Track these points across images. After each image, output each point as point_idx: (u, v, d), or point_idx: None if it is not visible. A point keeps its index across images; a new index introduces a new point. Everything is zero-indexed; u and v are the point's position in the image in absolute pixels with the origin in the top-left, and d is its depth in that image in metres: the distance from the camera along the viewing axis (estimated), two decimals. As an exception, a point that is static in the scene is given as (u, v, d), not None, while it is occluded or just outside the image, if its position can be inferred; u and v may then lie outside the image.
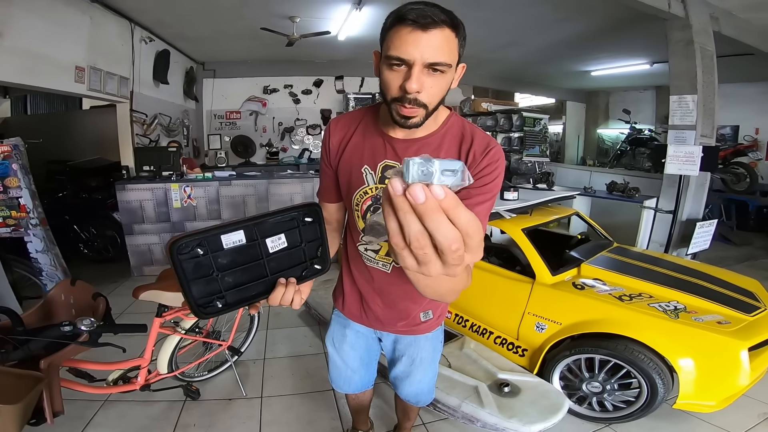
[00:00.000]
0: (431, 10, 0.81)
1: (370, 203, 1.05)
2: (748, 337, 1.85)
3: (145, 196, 4.12)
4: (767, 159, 6.58)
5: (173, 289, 1.86)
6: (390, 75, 0.85)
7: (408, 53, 0.81)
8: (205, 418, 2.18)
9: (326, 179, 1.15)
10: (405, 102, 0.85)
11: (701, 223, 3.27)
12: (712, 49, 3.65)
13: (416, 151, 0.99)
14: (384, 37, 0.86)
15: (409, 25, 0.80)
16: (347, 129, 1.07)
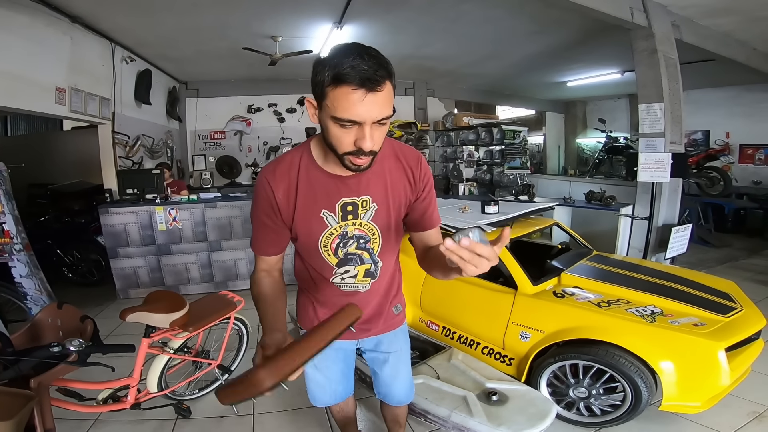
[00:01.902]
0: (372, 69, 0.81)
1: (338, 241, 1.10)
2: (723, 338, 1.91)
3: (129, 219, 4.09)
4: (740, 162, 6.89)
5: (161, 311, 1.87)
6: (340, 132, 0.87)
7: (359, 116, 0.84)
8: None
9: (270, 233, 1.10)
10: (359, 155, 0.90)
11: (677, 227, 3.38)
12: (676, 58, 3.81)
13: (367, 182, 1.05)
14: (323, 92, 0.85)
15: (354, 89, 0.81)
16: (288, 177, 1.04)
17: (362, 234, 1.10)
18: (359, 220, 1.08)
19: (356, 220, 1.08)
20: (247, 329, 2.66)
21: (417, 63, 6.36)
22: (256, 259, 1.17)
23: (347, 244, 1.11)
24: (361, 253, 1.14)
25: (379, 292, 1.27)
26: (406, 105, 7.65)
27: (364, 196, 1.06)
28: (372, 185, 1.06)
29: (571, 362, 2.10)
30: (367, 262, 1.16)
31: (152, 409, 2.19)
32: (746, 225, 6.29)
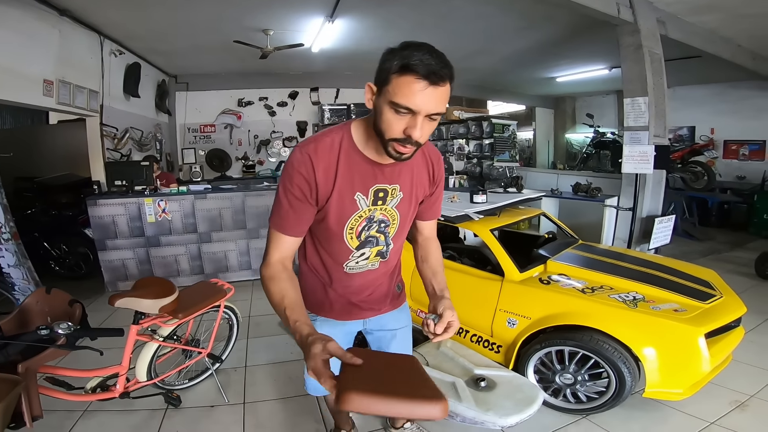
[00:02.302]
0: (439, 66, 0.87)
1: (364, 224, 1.14)
2: (703, 324, 1.97)
3: (118, 211, 4.06)
4: (723, 157, 7.03)
5: (150, 297, 1.87)
6: (394, 118, 0.92)
7: (416, 105, 0.88)
8: (187, 426, 2.16)
9: (300, 211, 1.07)
10: (405, 143, 0.94)
11: (660, 218, 3.47)
12: (660, 53, 3.88)
13: (399, 172, 1.11)
14: (387, 78, 0.90)
15: (420, 79, 0.86)
16: (328, 158, 1.05)
17: (384, 218, 1.16)
18: (386, 205, 1.14)
19: (384, 205, 1.14)
20: (237, 318, 2.66)
21: (408, 57, 6.38)
22: (270, 245, 1.10)
23: (371, 228, 1.15)
24: (379, 236, 1.19)
25: (387, 273, 1.33)
26: (398, 99, 7.66)
27: (395, 185, 1.12)
28: (402, 175, 1.13)
29: (556, 348, 2.15)
30: (381, 244, 1.22)
31: (141, 398, 2.19)
32: (730, 219, 6.43)
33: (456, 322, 1.02)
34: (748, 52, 5.26)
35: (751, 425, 2.01)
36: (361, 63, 6.66)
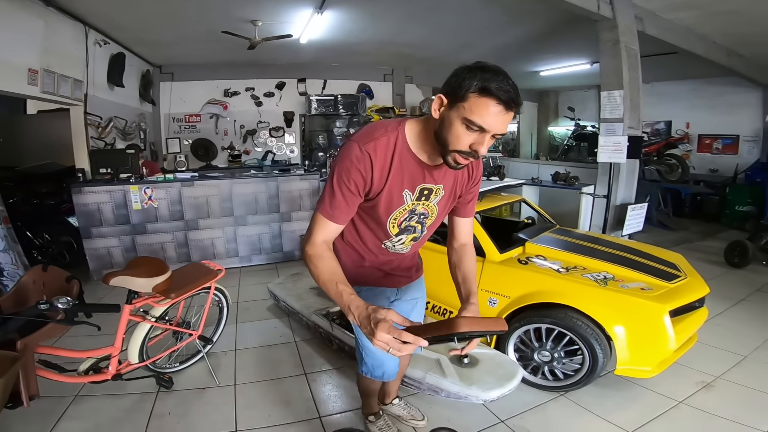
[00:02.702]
0: (515, 95, 0.97)
1: (407, 216, 1.24)
2: (667, 301, 2.10)
3: (103, 199, 4.04)
4: (698, 151, 7.30)
5: (143, 275, 1.91)
6: (464, 133, 1.00)
7: (489, 126, 0.98)
8: (179, 407, 2.20)
9: (351, 203, 1.14)
10: (467, 156, 1.03)
11: (633, 206, 3.65)
12: (637, 48, 4.03)
13: (445, 174, 1.21)
14: (464, 96, 0.97)
15: (499, 104, 0.96)
16: (385, 156, 1.12)
17: (425, 212, 1.26)
18: (429, 201, 1.24)
19: (427, 201, 1.24)
20: (227, 300, 2.70)
21: (396, 50, 6.41)
22: (316, 228, 1.15)
23: (411, 219, 1.26)
24: (417, 225, 1.29)
25: (416, 249, 1.49)
26: (385, 91, 7.72)
27: (440, 185, 1.22)
28: (447, 177, 1.22)
29: (534, 326, 2.27)
30: (417, 233, 1.33)
31: (133, 380, 2.21)
32: (703, 210, 6.71)
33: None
34: (723, 48, 5.44)
35: (717, 404, 2.14)
36: (349, 55, 6.69)
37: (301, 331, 3.07)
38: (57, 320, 1.50)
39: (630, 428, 1.98)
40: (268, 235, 4.65)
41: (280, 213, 4.65)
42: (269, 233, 4.65)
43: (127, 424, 2.05)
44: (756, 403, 2.15)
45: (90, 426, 2.02)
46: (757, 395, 2.21)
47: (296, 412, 2.16)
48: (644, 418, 2.05)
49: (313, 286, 3.32)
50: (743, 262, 4.38)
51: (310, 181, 4.74)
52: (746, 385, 2.31)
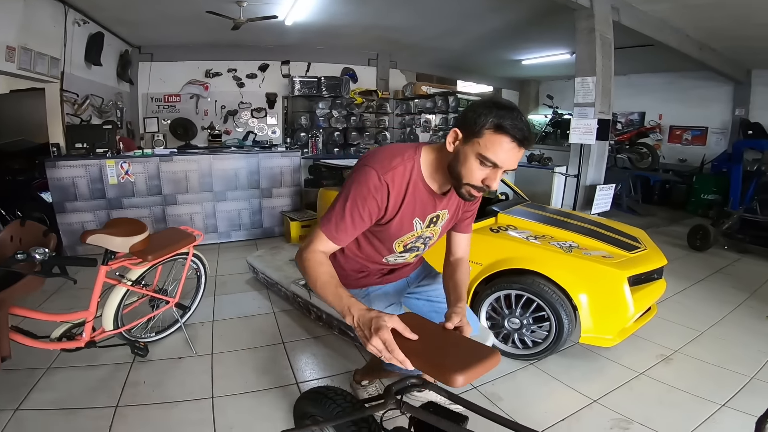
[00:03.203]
0: (529, 132, 1.02)
1: (413, 240, 1.29)
2: (626, 268, 2.24)
3: (78, 173, 3.97)
4: (668, 141, 7.59)
5: (121, 235, 1.91)
6: (477, 168, 1.05)
7: (503, 162, 1.03)
8: (155, 376, 2.18)
9: (358, 229, 1.15)
10: (479, 190, 1.09)
11: (601, 186, 3.84)
12: (611, 37, 4.18)
13: (449, 200, 1.26)
14: (480, 132, 1.02)
15: (513, 141, 1.00)
16: (401, 185, 1.14)
17: (431, 236, 1.32)
18: (435, 227, 1.30)
19: (434, 227, 1.30)
20: (205, 268, 2.69)
21: (381, 34, 6.40)
22: (316, 242, 1.14)
23: (417, 242, 1.31)
24: (421, 245, 1.35)
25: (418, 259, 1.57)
26: (369, 75, 7.70)
27: (445, 210, 1.27)
28: (452, 202, 1.28)
29: (504, 293, 2.37)
30: (420, 250, 1.39)
31: (108, 347, 2.19)
32: (671, 198, 7.01)
33: (467, 327, 1.11)
34: (695, 42, 5.63)
35: (674, 376, 2.25)
36: (334, 38, 6.63)
37: (279, 303, 3.11)
38: (34, 272, 1.51)
39: (594, 396, 2.09)
40: (248, 211, 4.65)
41: (260, 189, 4.65)
42: (249, 209, 4.65)
43: (100, 393, 2.02)
44: (710, 376, 2.28)
45: (62, 396, 1.98)
46: (711, 369, 2.34)
47: (273, 379, 2.18)
48: (607, 387, 2.17)
49: (293, 258, 3.36)
50: (705, 246, 4.61)
51: (291, 158, 4.75)
52: (702, 359, 2.44)
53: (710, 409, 1.98)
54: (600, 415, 1.94)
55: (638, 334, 2.64)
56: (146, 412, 1.91)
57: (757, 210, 4.60)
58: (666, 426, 1.87)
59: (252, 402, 2.00)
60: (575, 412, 1.96)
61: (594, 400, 2.05)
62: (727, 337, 2.73)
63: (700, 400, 2.06)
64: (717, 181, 6.23)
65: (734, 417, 1.94)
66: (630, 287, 2.20)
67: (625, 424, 1.87)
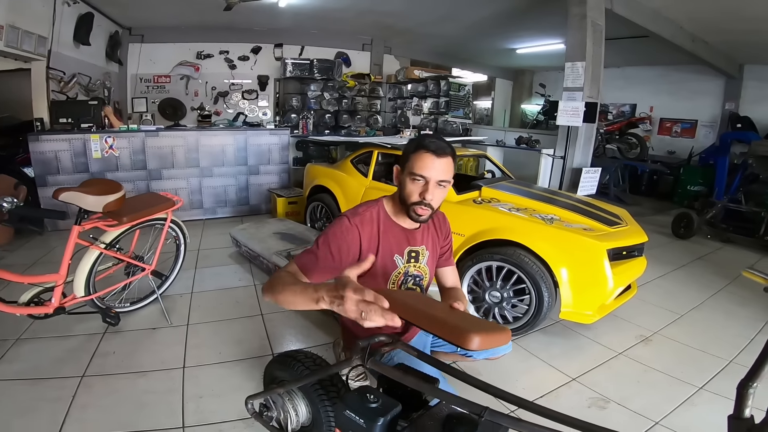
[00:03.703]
0: (443, 144, 1.21)
1: (403, 278, 1.39)
2: (606, 241, 2.24)
3: (62, 147, 3.91)
4: (658, 133, 7.63)
5: (95, 193, 1.87)
6: (413, 186, 1.23)
7: (427, 172, 1.20)
8: (126, 346, 2.14)
9: (323, 265, 1.20)
10: (421, 205, 1.23)
11: (587, 169, 3.86)
12: (602, 24, 4.18)
13: (422, 236, 1.40)
14: (408, 158, 1.24)
15: (429, 153, 1.20)
16: (372, 226, 1.30)
17: (418, 273, 1.42)
18: (419, 263, 1.40)
19: (417, 263, 1.40)
20: (185, 237, 2.64)
21: (376, 19, 6.33)
22: (286, 266, 1.21)
23: (407, 281, 1.41)
24: (416, 288, 1.45)
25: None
26: (363, 60, 7.63)
27: (422, 246, 1.40)
28: (425, 237, 1.41)
29: (486, 264, 2.37)
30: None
31: (79, 314, 2.13)
32: (658, 189, 7.07)
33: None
34: (688, 34, 5.61)
35: (652, 357, 2.27)
36: (329, 22, 6.55)
37: (261, 276, 3.09)
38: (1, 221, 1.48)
39: (573, 374, 2.09)
40: (235, 187, 4.62)
41: (247, 166, 4.62)
42: (236, 185, 4.62)
43: (67, 363, 1.97)
44: (689, 358, 2.29)
45: (28, 367, 1.94)
46: (690, 351, 2.36)
47: (249, 350, 2.16)
48: (586, 366, 2.17)
49: (277, 231, 3.35)
50: (688, 234, 4.65)
51: (280, 136, 4.71)
52: (681, 341, 2.46)
53: (688, 391, 1.98)
54: (578, 393, 1.95)
55: (618, 314, 2.67)
56: (113, 381, 1.88)
57: (742, 200, 4.64)
58: (643, 406, 1.86)
59: (224, 371, 1.98)
60: (554, 390, 1.96)
61: (573, 378, 2.06)
62: (707, 321, 2.75)
63: (678, 382, 2.06)
64: (704, 173, 6.27)
65: (711, 400, 1.92)
66: (610, 262, 2.20)
67: (602, 403, 1.87)
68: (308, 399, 1.27)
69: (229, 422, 1.64)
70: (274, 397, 1.32)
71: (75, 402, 1.71)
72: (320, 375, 1.17)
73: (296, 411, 1.28)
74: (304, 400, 1.28)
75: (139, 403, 1.73)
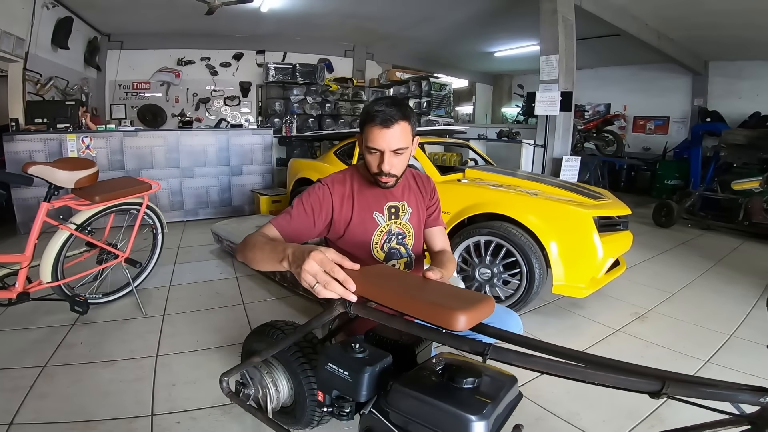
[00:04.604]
0: (391, 112, 1.15)
1: (385, 237, 1.35)
2: (592, 209, 2.26)
3: (36, 147, 3.81)
4: (633, 131, 7.90)
5: (66, 169, 1.80)
6: (371, 158, 1.21)
7: (379, 145, 1.17)
8: (94, 337, 2.01)
9: (302, 220, 1.21)
10: (382, 175, 1.22)
11: (567, 157, 3.95)
12: (572, 19, 4.38)
13: (402, 192, 1.38)
14: (362, 129, 1.21)
15: (377, 125, 1.16)
16: (343, 186, 1.30)
17: (400, 231, 1.38)
18: (399, 220, 1.37)
19: (398, 220, 1.37)
20: (162, 223, 2.53)
21: (358, 24, 6.42)
22: (262, 228, 1.19)
23: (390, 240, 1.37)
24: (400, 247, 1.40)
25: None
26: (345, 66, 7.72)
27: (403, 201, 1.38)
28: (406, 194, 1.39)
29: (474, 240, 2.36)
30: (405, 256, 1.41)
31: (44, 300, 2.00)
32: (637, 184, 7.31)
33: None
34: (654, 30, 5.85)
35: (651, 332, 2.27)
36: (311, 28, 6.61)
37: (243, 269, 3.01)
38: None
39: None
40: (217, 188, 4.54)
41: (230, 166, 4.55)
42: (218, 186, 4.54)
43: (30, 354, 1.85)
44: (686, 333, 2.28)
45: None
46: (686, 326, 2.36)
47: (228, 337, 2.06)
48: (584, 343, 2.14)
49: (260, 225, 3.28)
50: (669, 222, 4.76)
51: (263, 136, 4.67)
52: (676, 317, 2.46)
53: (695, 365, 1.95)
54: None
55: (610, 294, 2.69)
56: (77, 370, 1.76)
57: (717, 189, 4.78)
58: None
59: (201, 359, 1.88)
60: None
61: None
62: (699, 299, 2.77)
63: (682, 356, 2.03)
64: (679, 166, 6.48)
65: (722, 373, 1.86)
66: (597, 234, 2.20)
67: None
68: (289, 370, 1.16)
69: (203, 409, 1.54)
70: (251, 371, 1.21)
71: (33, 391, 1.60)
72: (298, 335, 1.05)
73: (276, 385, 1.18)
74: (284, 373, 1.18)
75: (103, 392, 1.62)
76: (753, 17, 4.87)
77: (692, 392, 0.64)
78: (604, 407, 1.63)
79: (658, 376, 0.65)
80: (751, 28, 5.24)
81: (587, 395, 1.68)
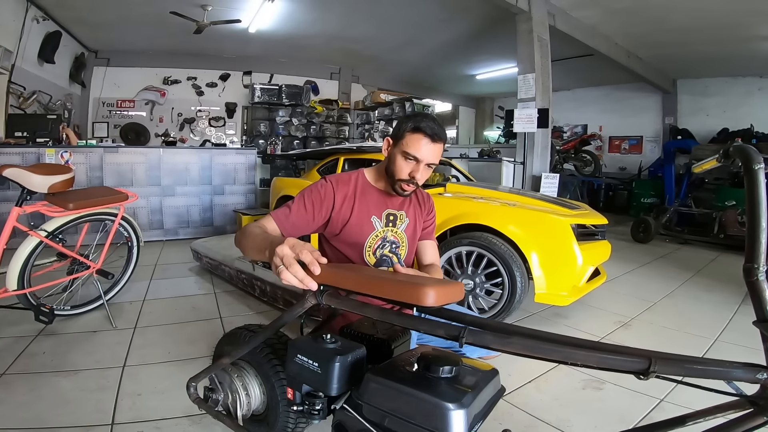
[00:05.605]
0: (439, 130, 1.25)
1: (379, 243, 1.37)
2: (569, 218, 2.31)
3: (14, 161, 3.70)
4: (609, 151, 8.19)
5: (41, 173, 1.76)
6: (403, 163, 1.25)
7: (420, 154, 1.23)
8: (59, 347, 1.92)
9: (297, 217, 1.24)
10: (409, 182, 1.27)
11: (546, 174, 4.06)
12: (547, 39, 4.60)
13: (403, 202, 1.41)
14: (402, 134, 1.25)
15: (426, 136, 1.22)
16: (347, 186, 1.33)
17: (395, 240, 1.40)
18: (396, 228, 1.40)
19: (394, 228, 1.39)
20: (137, 236, 2.46)
21: (343, 45, 6.60)
22: (261, 220, 1.21)
23: (384, 247, 1.38)
24: (392, 256, 1.39)
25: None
26: (331, 88, 7.87)
27: (402, 211, 1.41)
28: (406, 206, 1.42)
29: (455, 251, 2.37)
30: (395, 263, 1.41)
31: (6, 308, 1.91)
32: (615, 203, 7.52)
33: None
34: (623, 49, 6.14)
35: (635, 339, 2.29)
36: (297, 50, 6.75)
37: (222, 285, 2.94)
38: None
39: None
40: (198, 207, 4.46)
41: (212, 185, 4.50)
42: (199, 205, 4.47)
43: None
44: (671, 339, 2.29)
45: None
46: (670, 332, 2.39)
47: (202, 349, 1.98)
48: None
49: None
50: (647, 238, 4.88)
51: (246, 156, 4.66)
52: (660, 324, 2.49)
53: None
54: (569, 376, 1.88)
55: (592, 304, 2.72)
56: (36, 379, 1.67)
57: (692, 204, 4.94)
58: (642, 386, 1.75)
59: (172, 369, 1.80)
60: (543, 374, 1.89)
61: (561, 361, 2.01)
62: (680, 306, 2.82)
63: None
64: (654, 185, 6.70)
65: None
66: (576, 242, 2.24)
67: (597, 384, 1.81)
68: (260, 372, 1.11)
69: (170, 419, 1.46)
70: (220, 375, 1.15)
71: (-14, 399, 1.50)
72: (269, 332, 1.01)
73: (246, 390, 1.12)
74: (256, 376, 1.13)
75: (62, 401, 1.54)
76: (715, 32, 5.14)
77: (682, 370, 0.62)
78: (595, 413, 1.61)
79: (644, 356, 0.63)
80: (714, 43, 5.51)
81: (577, 401, 1.67)
